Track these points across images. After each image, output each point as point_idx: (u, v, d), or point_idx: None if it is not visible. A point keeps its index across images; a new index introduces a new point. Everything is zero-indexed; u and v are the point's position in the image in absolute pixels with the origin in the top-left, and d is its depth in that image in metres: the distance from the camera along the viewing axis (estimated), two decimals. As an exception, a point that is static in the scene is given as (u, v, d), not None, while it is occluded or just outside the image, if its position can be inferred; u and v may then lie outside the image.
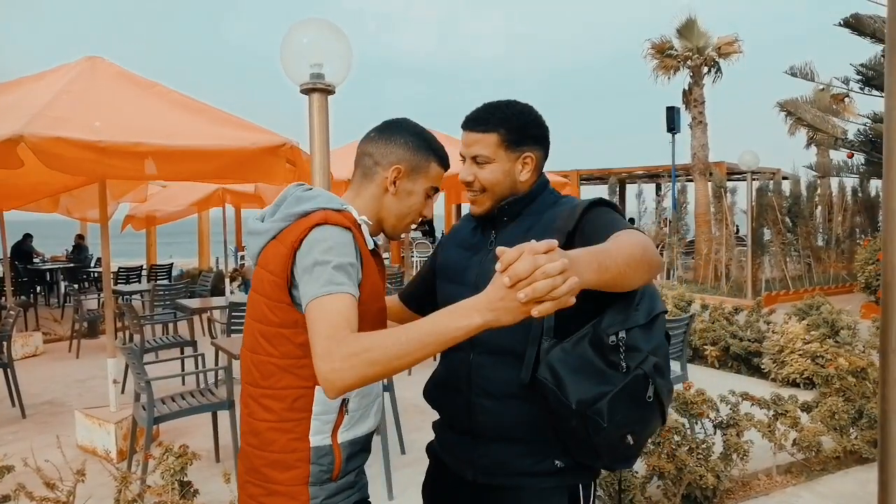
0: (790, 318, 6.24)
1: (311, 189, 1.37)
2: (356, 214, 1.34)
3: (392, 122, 1.45)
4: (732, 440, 3.31)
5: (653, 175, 17.07)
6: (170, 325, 7.54)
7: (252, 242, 1.36)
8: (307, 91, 2.56)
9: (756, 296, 9.89)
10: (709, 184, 12.65)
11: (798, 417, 3.62)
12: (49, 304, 11.69)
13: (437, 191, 1.47)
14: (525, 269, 0.92)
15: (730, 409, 3.46)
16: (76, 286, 11.17)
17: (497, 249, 0.97)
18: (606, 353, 1.21)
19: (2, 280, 8.78)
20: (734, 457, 3.32)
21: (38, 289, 11.81)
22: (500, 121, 1.43)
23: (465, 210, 1.59)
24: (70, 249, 13.60)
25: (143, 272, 11.62)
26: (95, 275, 11.92)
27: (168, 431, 4.49)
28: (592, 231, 1.30)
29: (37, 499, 2.33)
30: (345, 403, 1.30)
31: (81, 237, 13.34)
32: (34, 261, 12.60)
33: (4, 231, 7.77)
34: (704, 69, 13.33)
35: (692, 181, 13.42)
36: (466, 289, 1.43)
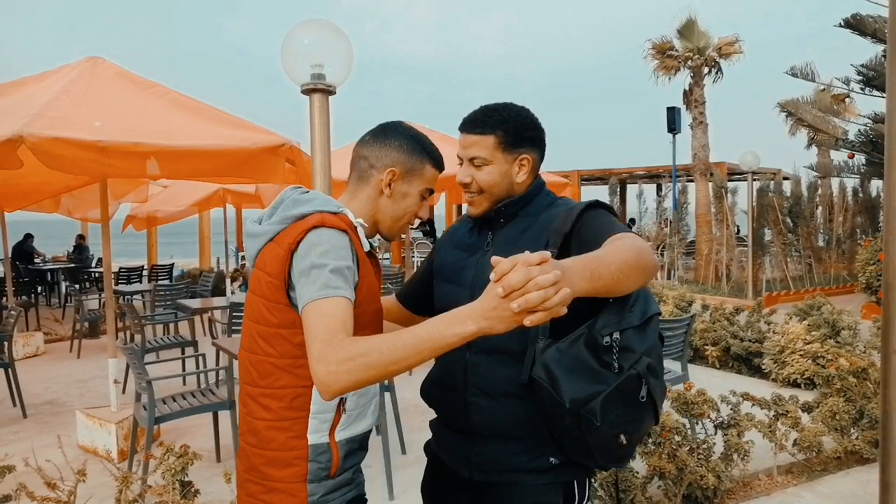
0: (791, 319, 6.24)
1: (308, 192, 1.38)
2: (352, 217, 1.36)
3: (386, 126, 1.46)
4: (733, 440, 3.31)
5: (653, 175, 17.07)
6: (171, 326, 7.55)
7: (250, 245, 1.38)
8: (308, 91, 2.56)
9: (757, 296, 9.89)
10: (709, 184, 12.64)
11: (799, 418, 3.61)
12: (50, 305, 11.70)
13: (432, 192, 1.48)
14: (518, 281, 0.95)
15: (730, 410, 3.46)
16: (77, 286, 11.18)
17: (492, 259, 0.99)
18: (600, 354, 1.23)
19: (3, 280, 8.79)
20: (735, 457, 3.32)
21: (39, 289, 11.82)
22: (498, 123, 1.44)
23: (466, 210, 1.60)
24: (71, 250, 13.63)
25: (144, 272, 11.63)
26: (96, 275, 11.93)
27: (169, 431, 4.49)
28: (588, 233, 1.32)
29: (38, 499, 2.33)
30: (342, 403, 1.32)
31: (82, 237, 13.35)
32: (35, 261, 12.61)
33: (6, 231, 7.78)
34: (705, 69, 13.32)
35: (693, 181, 13.42)
36: (463, 289, 1.46)
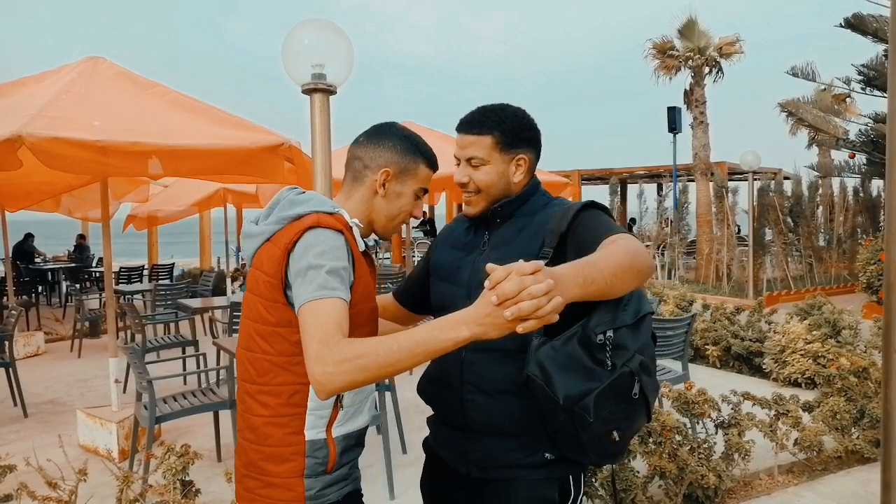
0: (792, 318, 6.23)
1: (304, 193, 1.40)
2: (348, 217, 1.38)
3: (380, 127, 1.48)
4: (734, 440, 3.31)
5: (654, 175, 17.06)
6: (171, 325, 7.55)
7: (247, 245, 1.40)
8: (309, 91, 2.56)
9: (757, 296, 9.88)
10: (710, 184, 12.63)
11: (800, 417, 3.61)
12: (51, 304, 11.71)
13: (426, 192, 1.50)
14: (512, 290, 0.98)
15: (731, 409, 3.46)
16: (78, 286, 11.19)
17: (487, 267, 1.02)
18: (594, 352, 1.25)
19: (4, 280, 8.79)
20: (736, 456, 3.31)
21: (40, 288, 11.82)
22: (495, 123, 1.46)
23: (463, 210, 1.61)
24: (72, 249, 13.64)
25: (145, 272, 11.64)
26: (97, 274, 11.94)
27: (170, 431, 4.50)
28: (584, 233, 1.35)
29: (39, 498, 2.33)
30: (339, 399, 1.34)
31: (83, 237, 13.36)
32: (36, 261, 12.62)
33: (6, 231, 7.78)
34: (706, 69, 13.30)
35: (693, 181, 13.40)
36: (460, 288, 1.49)
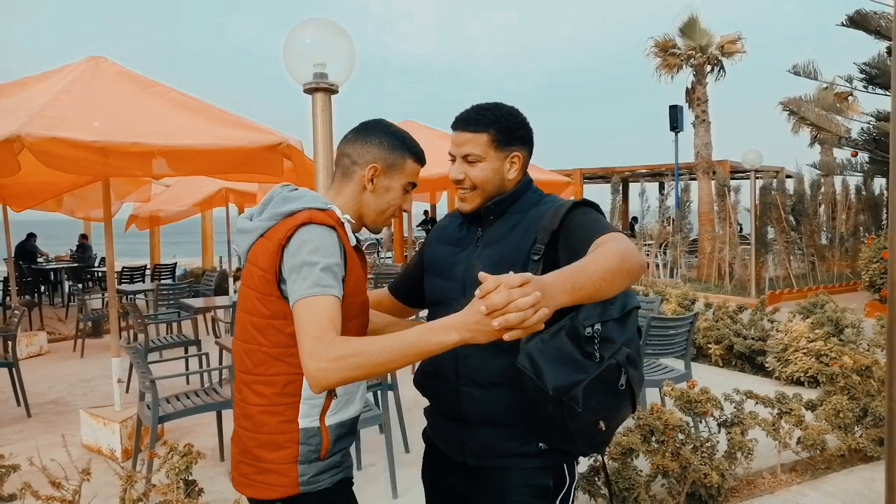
0: (794, 317, 6.23)
1: (297, 189, 1.45)
2: (339, 213, 1.42)
3: (368, 124, 1.52)
4: (737, 438, 3.31)
5: (656, 174, 17.04)
6: (174, 325, 7.54)
7: (241, 240, 1.44)
8: (311, 91, 2.57)
9: (760, 294, 9.87)
10: (712, 182, 12.61)
11: (802, 416, 3.61)
12: (53, 304, 11.74)
13: (415, 186, 1.54)
14: (500, 302, 1.03)
15: (734, 408, 3.45)
16: (80, 286, 11.21)
17: (479, 275, 1.07)
18: (582, 344, 1.29)
19: (6, 280, 8.81)
20: (739, 455, 3.31)
21: (43, 288, 11.83)
22: (491, 121, 1.50)
23: (457, 206, 1.64)
24: (74, 249, 13.65)
25: (147, 272, 11.65)
26: (99, 274, 11.96)
27: (173, 430, 4.50)
28: (576, 230, 1.39)
29: (42, 498, 2.34)
30: (332, 389, 1.37)
31: (85, 237, 13.37)
32: (38, 260, 12.64)
33: (9, 231, 7.80)
34: (707, 67, 13.27)
35: (695, 180, 13.38)
36: (455, 284, 1.54)
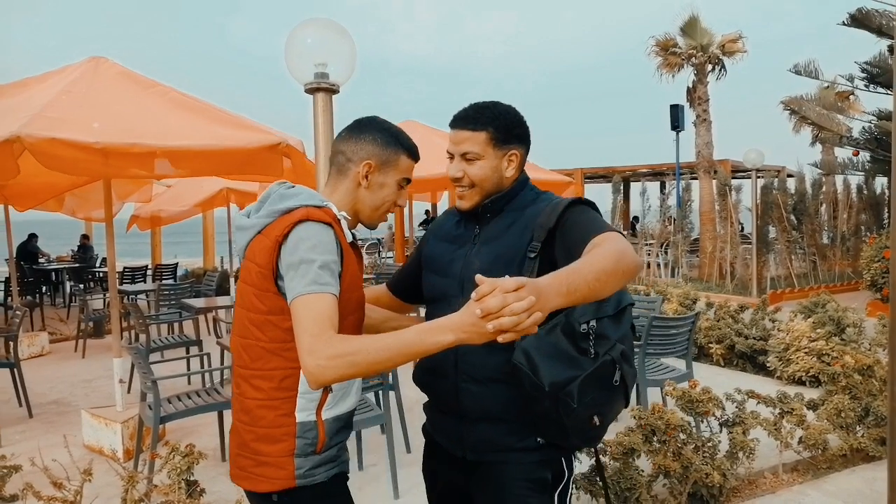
0: (796, 316, 6.22)
1: (294, 187, 1.46)
2: (336, 210, 1.43)
3: (361, 121, 1.53)
4: (738, 438, 3.31)
5: (657, 173, 17.02)
6: (175, 325, 7.55)
7: (239, 237, 1.46)
8: (312, 90, 2.57)
9: (761, 294, 9.86)
10: (713, 182, 12.59)
11: (804, 415, 3.60)
12: (55, 304, 11.75)
13: (409, 181, 1.55)
14: (495, 306, 1.04)
15: (735, 408, 3.45)
16: (81, 286, 11.21)
17: (476, 278, 1.08)
18: (577, 341, 1.32)
19: (8, 280, 8.81)
20: (740, 455, 3.31)
21: (44, 289, 11.83)
22: (490, 120, 1.51)
23: (456, 204, 1.66)
24: (75, 249, 13.65)
25: (149, 272, 11.65)
26: (101, 275, 11.95)
27: (174, 431, 4.51)
28: (572, 228, 1.41)
29: (44, 498, 2.34)
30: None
31: (86, 237, 13.37)
32: (40, 261, 12.65)
33: (10, 231, 7.80)
34: (708, 67, 13.25)
35: (697, 179, 13.37)
36: (453, 280, 1.55)
